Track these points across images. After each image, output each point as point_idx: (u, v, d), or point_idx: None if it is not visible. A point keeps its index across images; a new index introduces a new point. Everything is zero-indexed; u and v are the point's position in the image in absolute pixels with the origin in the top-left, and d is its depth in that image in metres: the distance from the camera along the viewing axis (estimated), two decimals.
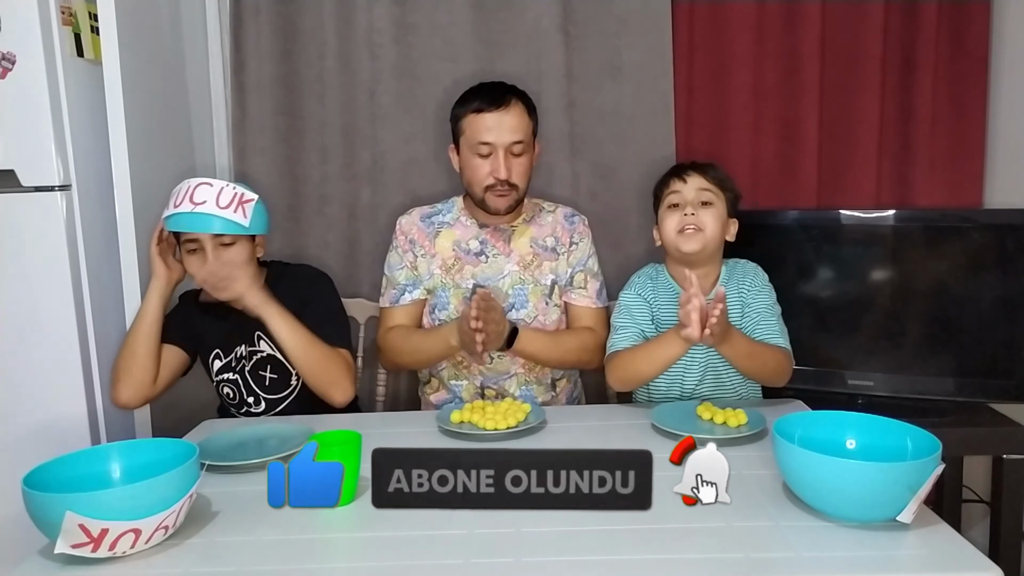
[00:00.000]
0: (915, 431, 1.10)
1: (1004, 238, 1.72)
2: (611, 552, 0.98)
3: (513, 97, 1.65)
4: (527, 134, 1.66)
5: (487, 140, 1.62)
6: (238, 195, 1.52)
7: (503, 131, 1.62)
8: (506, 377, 1.72)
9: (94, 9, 1.62)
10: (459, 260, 1.73)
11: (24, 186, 1.58)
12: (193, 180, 1.53)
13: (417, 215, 1.79)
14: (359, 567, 1.00)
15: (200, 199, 1.49)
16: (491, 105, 1.62)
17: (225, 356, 1.68)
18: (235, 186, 1.54)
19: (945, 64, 2.03)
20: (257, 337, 1.66)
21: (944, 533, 1.00)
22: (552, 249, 1.74)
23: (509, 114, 1.63)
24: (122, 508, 0.97)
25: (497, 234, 1.74)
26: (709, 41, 2.06)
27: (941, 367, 1.78)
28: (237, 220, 1.51)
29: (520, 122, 1.64)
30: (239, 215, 1.52)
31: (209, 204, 1.49)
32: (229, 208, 1.51)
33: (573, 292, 1.76)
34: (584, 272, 1.76)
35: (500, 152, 1.62)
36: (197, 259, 1.54)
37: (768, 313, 1.56)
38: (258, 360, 1.67)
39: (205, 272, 1.54)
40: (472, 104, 1.64)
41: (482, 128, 1.62)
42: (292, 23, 2.06)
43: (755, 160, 2.08)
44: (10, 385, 1.61)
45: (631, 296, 1.64)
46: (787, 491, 1.12)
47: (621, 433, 1.43)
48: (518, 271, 1.72)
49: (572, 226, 1.77)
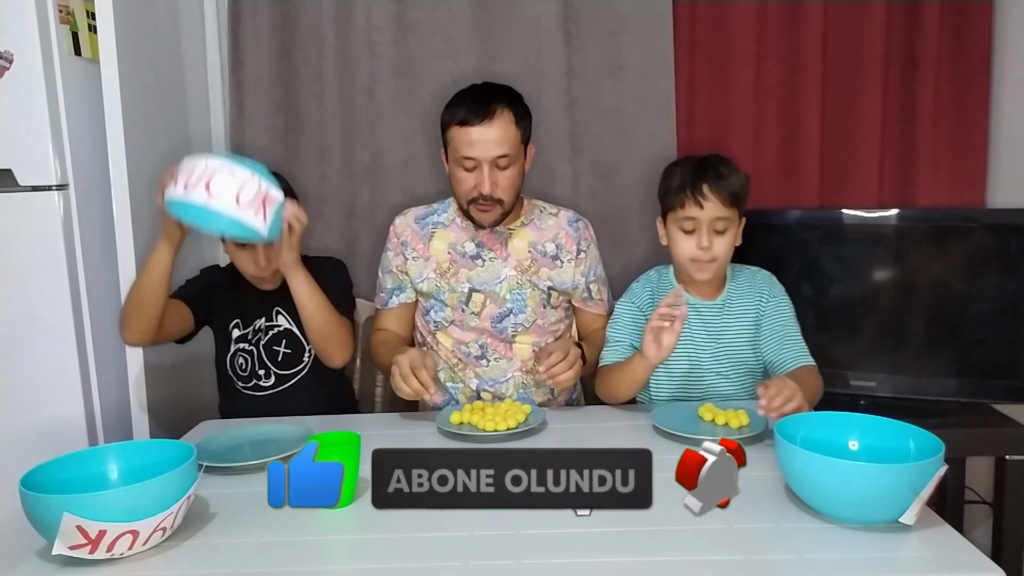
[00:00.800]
0: (918, 432, 1.09)
1: (1007, 238, 1.72)
2: (611, 554, 0.98)
3: (499, 107, 1.58)
4: (513, 145, 1.59)
5: (470, 155, 1.57)
6: (263, 192, 1.32)
7: (487, 145, 1.56)
8: (503, 380, 1.71)
9: (92, 8, 1.62)
10: (454, 263, 1.70)
11: (21, 185, 1.57)
12: (213, 160, 1.30)
13: (412, 216, 1.77)
14: (358, 569, 1.00)
15: (218, 190, 1.28)
16: (475, 117, 1.56)
17: (244, 327, 1.72)
18: (261, 179, 1.32)
19: (948, 63, 2.03)
20: (276, 312, 1.71)
21: (947, 534, 1.00)
22: (553, 256, 1.71)
23: (494, 127, 1.56)
24: (120, 509, 0.97)
25: (494, 237, 1.71)
26: (711, 39, 2.06)
27: (944, 368, 1.78)
28: (255, 226, 1.32)
29: (505, 134, 1.57)
30: (259, 218, 1.31)
31: (227, 200, 1.29)
32: (250, 208, 1.30)
33: (591, 303, 1.76)
34: (597, 281, 1.76)
35: (484, 167, 1.57)
36: (242, 253, 1.60)
37: (793, 329, 1.55)
38: (274, 335, 1.72)
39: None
40: (458, 114, 1.58)
41: (465, 142, 1.57)
42: (290, 21, 2.05)
43: (757, 159, 2.08)
44: (7, 386, 1.60)
45: (625, 307, 1.64)
46: (789, 493, 1.11)
47: (621, 434, 1.43)
48: (515, 275, 1.70)
49: (577, 232, 1.74)
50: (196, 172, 1.27)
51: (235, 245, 1.63)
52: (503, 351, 1.71)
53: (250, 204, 1.28)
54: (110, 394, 1.67)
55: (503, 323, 1.69)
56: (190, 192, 1.27)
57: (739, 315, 1.58)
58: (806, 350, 1.54)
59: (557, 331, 1.77)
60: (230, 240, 1.62)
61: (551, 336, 1.75)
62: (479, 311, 1.69)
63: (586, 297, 1.76)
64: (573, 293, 1.75)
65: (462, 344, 1.71)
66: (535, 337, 1.72)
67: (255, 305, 1.72)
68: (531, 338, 1.71)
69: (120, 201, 1.62)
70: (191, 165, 1.29)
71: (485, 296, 1.69)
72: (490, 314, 1.69)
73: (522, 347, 1.71)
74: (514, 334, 1.70)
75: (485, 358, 1.71)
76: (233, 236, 1.36)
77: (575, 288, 1.74)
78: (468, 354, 1.71)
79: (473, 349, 1.71)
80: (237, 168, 1.29)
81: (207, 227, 1.32)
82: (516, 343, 1.71)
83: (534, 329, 1.71)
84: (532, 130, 1.67)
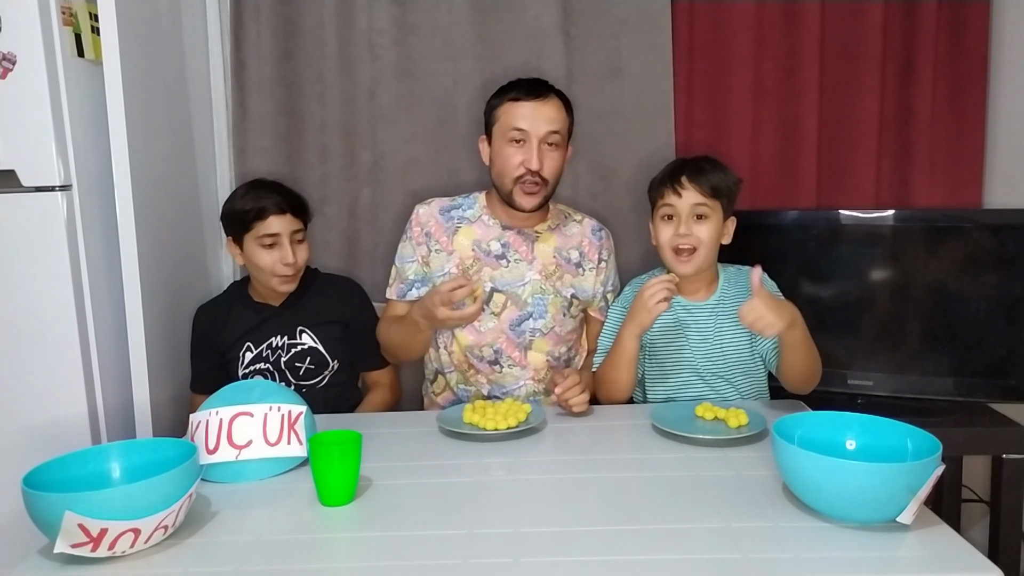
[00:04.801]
0: (915, 432, 1.10)
1: (1003, 238, 1.72)
2: (610, 552, 0.98)
3: (552, 92, 1.64)
4: (563, 128, 1.63)
5: (521, 127, 1.59)
6: (284, 416, 1.24)
7: (539, 120, 1.59)
8: (515, 388, 1.71)
9: (94, 9, 1.62)
10: (478, 260, 1.69)
11: (25, 186, 1.58)
12: (225, 409, 1.22)
13: (436, 207, 1.75)
14: (358, 567, 1.00)
15: (241, 439, 1.22)
16: (529, 95, 1.61)
17: (256, 347, 1.74)
18: (279, 406, 1.24)
19: (945, 64, 2.03)
20: (299, 331, 1.74)
21: (944, 533, 1.00)
22: (576, 264, 1.72)
23: (547, 105, 1.60)
24: (121, 508, 0.97)
25: (520, 238, 1.70)
26: (709, 41, 2.06)
27: (940, 367, 1.78)
28: (294, 453, 1.24)
29: (558, 114, 1.62)
30: (294, 444, 1.24)
31: (256, 444, 1.22)
32: (281, 441, 1.23)
33: (606, 312, 1.77)
34: (613, 291, 1.78)
35: (534, 141, 1.59)
36: (273, 252, 1.69)
37: None
38: (297, 353, 1.75)
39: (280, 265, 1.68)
40: (510, 93, 1.63)
41: (518, 115, 1.60)
42: (292, 23, 2.06)
43: (754, 160, 2.08)
44: (10, 385, 1.61)
45: (617, 314, 1.66)
46: (787, 492, 1.12)
47: (621, 434, 1.43)
48: (540, 280, 1.69)
49: (600, 242, 1.75)
50: (212, 427, 1.22)
51: (260, 247, 1.68)
52: (517, 358, 1.70)
53: (279, 437, 1.23)
54: (113, 393, 1.67)
55: (521, 327, 1.69)
56: (217, 453, 1.21)
57: (732, 315, 1.59)
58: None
59: (571, 340, 1.77)
60: (258, 244, 1.69)
61: (565, 345, 1.75)
62: (499, 312, 1.69)
63: (603, 307, 1.77)
64: (592, 302, 1.76)
65: (476, 347, 1.70)
66: (550, 345, 1.71)
67: (269, 325, 1.74)
68: (547, 345, 1.71)
69: (123, 202, 1.63)
70: (197, 420, 1.24)
71: (507, 297, 1.69)
72: (510, 316, 1.69)
73: (537, 355, 1.71)
74: (531, 339, 1.70)
75: (499, 363, 1.70)
76: (272, 474, 1.25)
77: (594, 297, 1.75)
78: (481, 358, 1.70)
79: (487, 354, 1.70)
80: (252, 407, 1.24)
81: (250, 479, 1.23)
82: (531, 350, 1.70)
83: (551, 336, 1.71)
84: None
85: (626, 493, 1.16)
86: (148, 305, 1.66)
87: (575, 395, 1.47)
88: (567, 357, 1.77)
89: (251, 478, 1.23)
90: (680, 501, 1.12)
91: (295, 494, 1.19)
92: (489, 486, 1.21)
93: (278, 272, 1.70)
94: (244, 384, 1.36)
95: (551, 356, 1.72)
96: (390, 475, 1.24)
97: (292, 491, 1.20)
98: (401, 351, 1.76)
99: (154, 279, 1.71)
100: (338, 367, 1.78)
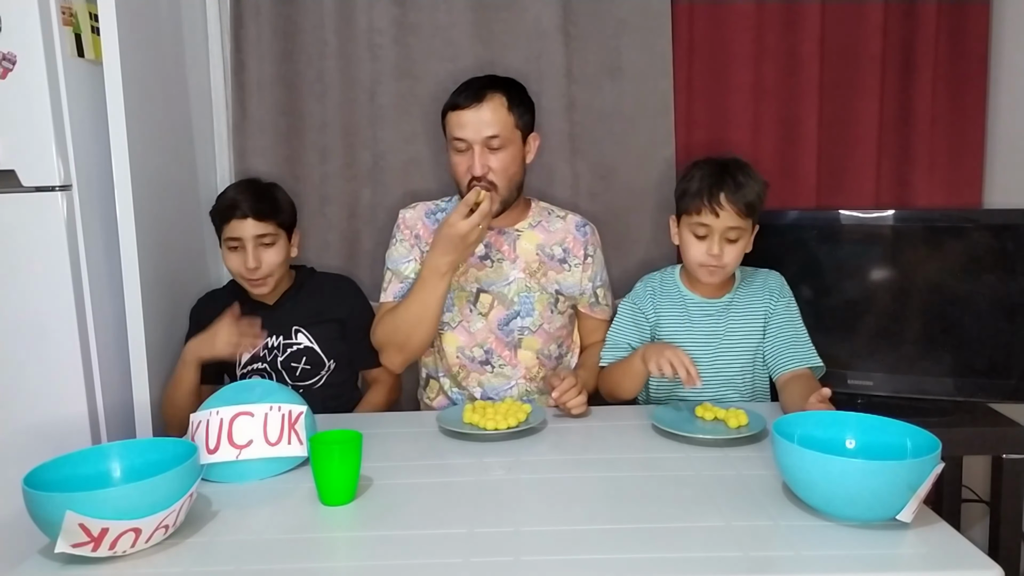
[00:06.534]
0: (914, 430, 1.10)
1: (1003, 238, 1.73)
2: (610, 551, 0.98)
3: (491, 91, 1.61)
4: (504, 128, 1.60)
5: (459, 136, 1.60)
6: (285, 416, 1.25)
7: (477, 126, 1.59)
8: (507, 388, 1.71)
9: (94, 9, 1.62)
10: (463, 262, 1.69)
11: (25, 186, 1.58)
12: (225, 409, 1.23)
13: (422, 210, 1.77)
14: (359, 566, 1.00)
15: (242, 438, 1.22)
16: (466, 101, 1.60)
17: (253, 347, 1.74)
18: (279, 406, 1.25)
19: (945, 64, 2.04)
20: (295, 331, 1.75)
21: (944, 532, 1.01)
22: (560, 260, 1.72)
23: (483, 109, 1.59)
24: (122, 507, 0.97)
25: (502, 237, 1.71)
26: (709, 41, 2.06)
27: (940, 367, 1.79)
28: (294, 453, 1.25)
29: (496, 116, 1.59)
30: (294, 444, 1.25)
31: (256, 444, 1.22)
32: (281, 441, 1.24)
33: (597, 308, 1.77)
34: (603, 286, 1.78)
35: (476, 148, 1.59)
36: (237, 256, 1.68)
37: (801, 330, 1.59)
38: (293, 352, 1.74)
39: (244, 269, 1.67)
40: (450, 102, 1.64)
41: (457, 124, 1.61)
42: (292, 23, 2.06)
43: (754, 160, 2.05)
44: (10, 385, 1.61)
45: (628, 308, 1.66)
46: (787, 491, 1.12)
47: (621, 434, 1.43)
48: (524, 278, 1.70)
49: (584, 237, 1.75)
50: (212, 426, 1.22)
51: (228, 249, 1.70)
52: (508, 357, 1.71)
53: (280, 436, 1.23)
54: (113, 393, 1.67)
55: (509, 325, 1.70)
56: (217, 452, 1.21)
57: (745, 315, 1.60)
58: (814, 351, 1.57)
59: (561, 338, 1.77)
60: (225, 247, 1.70)
61: (555, 343, 1.75)
62: (486, 312, 1.70)
63: (592, 302, 1.77)
64: (580, 298, 1.76)
65: (467, 348, 1.71)
66: (540, 343, 1.72)
67: (265, 325, 1.71)
68: (537, 344, 1.72)
69: (123, 202, 1.63)
70: (197, 419, 1.24)
71: (493, 297, 1.70)
72: (497, 316, 1.70)
73: (527, 353, 1.71)
74: (520, 337, 1.70)
75: (490, 364, 1.71)
76: (272, 474, 1.25)
77: (582, 293, 1.75)
78: (473, 359, 1.71)
79: (478, 354, 1.71)
80: (252, 406, 1.24)
81: (247, 479, 1.23)
82: (521, 348, 1.71)
83: (540, 334, 1.71)
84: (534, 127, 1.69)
85: (626, 492, 1.16)
86: (148, 305, 1.66)
87: (572, 397, 1.47)
88: (558, 355, 1.78)
89: (251, 478, 1.23)
90: (680, 500, 1.12)
91: (295, 494, 1.19)
92: (489, 486, 1.21)
93: (243, 275, 1.71)
94: (244, 384, 1.37)
95: (542, 354, 1.72)
96: (390, 475, 1.24)
97: (292, 491, 1.20)
98: (410, 322, 1.65)
99: (154, 279, 1.71)
100: (335, 367, 1.77)
